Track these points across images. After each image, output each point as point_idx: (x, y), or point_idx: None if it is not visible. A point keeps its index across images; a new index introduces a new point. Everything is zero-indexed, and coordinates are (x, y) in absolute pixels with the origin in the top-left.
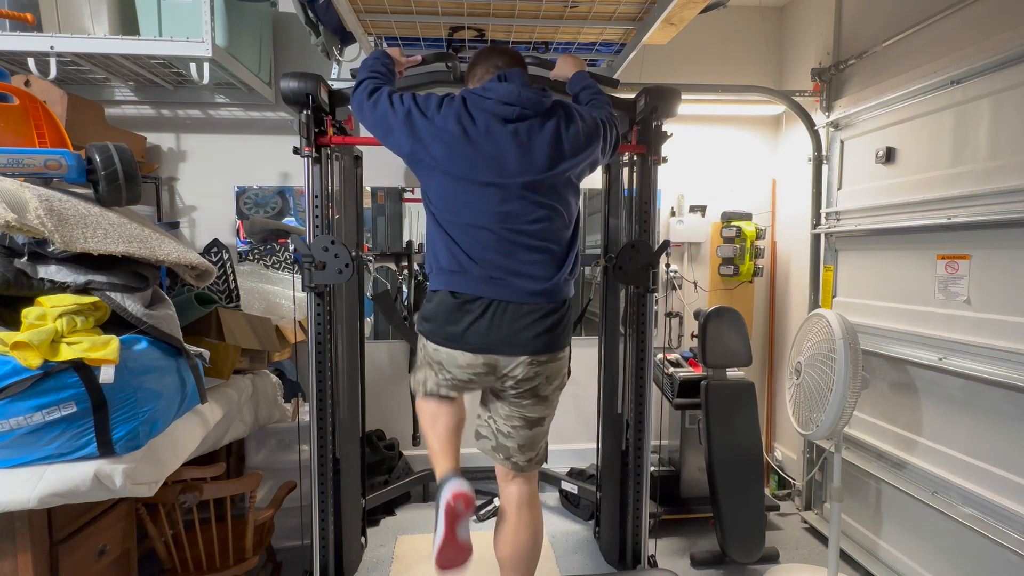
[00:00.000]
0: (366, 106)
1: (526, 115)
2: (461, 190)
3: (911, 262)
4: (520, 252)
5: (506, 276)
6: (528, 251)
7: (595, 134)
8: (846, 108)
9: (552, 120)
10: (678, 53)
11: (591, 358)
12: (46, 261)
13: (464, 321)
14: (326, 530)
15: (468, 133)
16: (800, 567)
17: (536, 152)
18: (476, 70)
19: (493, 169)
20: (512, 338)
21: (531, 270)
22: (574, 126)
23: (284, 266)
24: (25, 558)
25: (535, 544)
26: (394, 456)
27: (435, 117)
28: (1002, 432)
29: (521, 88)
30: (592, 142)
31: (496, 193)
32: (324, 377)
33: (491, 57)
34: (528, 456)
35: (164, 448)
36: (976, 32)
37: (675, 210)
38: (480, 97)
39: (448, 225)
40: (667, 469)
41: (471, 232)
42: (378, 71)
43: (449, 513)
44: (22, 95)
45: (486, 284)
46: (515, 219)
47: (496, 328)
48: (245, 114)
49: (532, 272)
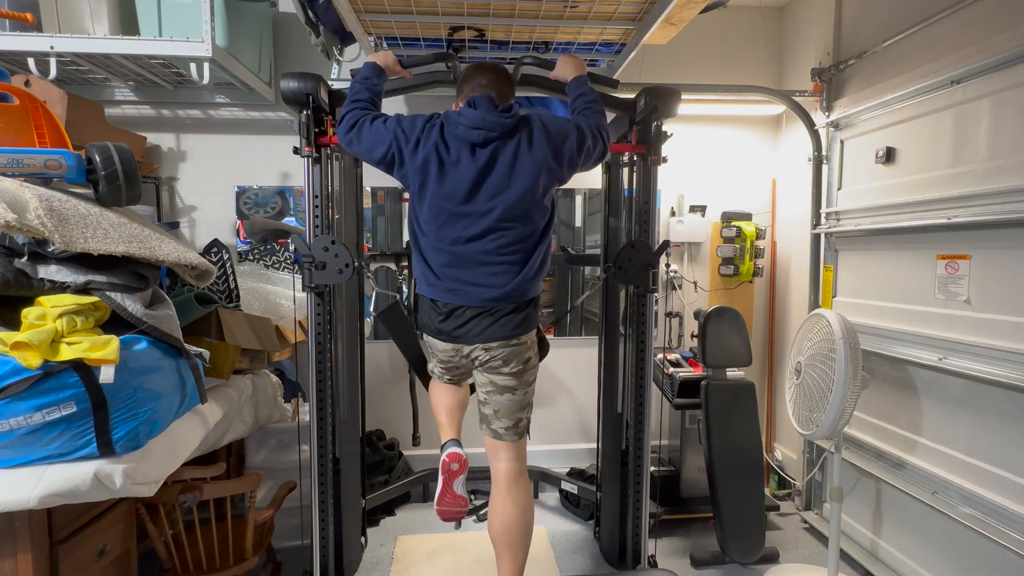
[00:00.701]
0: (353, 139)
1: (491, 138)
2: (435, 215)
3: (911, 262)
4: (478, 268)
5: (465, 287)
6: (486, 266)
7: (562, 142)
8: (846, 108)
9: (514, 140)
10: (678, 53)
11: (591, 358)
12: (46, 261)
13: (437, 319)
14: (326, 530)
15: (443, 164)
16: (800, 567)
17: (499, 176)
18: (464, 87)
19: (461, 198)
20: (468, 332)
21: (488, 281)
22: (537, 142)
23: (284, 266)
24: (25, 558)
25: (524, 520)
26: (394, 456)
27: (417, 151)
28: (1002, 432)
29: (486, 113)
30: (558, 152)
31: (463, 220)
32: (324, 377)
33: (476, 76)
34: (504, 424)
35: (164, 448)
36: (976, 32)
37: (675, 210)
38: (455, 123)
39: (423, 244)
40: (667, 469)
41: (438, 253)
42: (360, 99)
43: (445, 469)
44: (22, 95)
45: (450, 294)
46: (477, 241)
47: (458, 325)
48: (245, 114)
49: (488, 283)
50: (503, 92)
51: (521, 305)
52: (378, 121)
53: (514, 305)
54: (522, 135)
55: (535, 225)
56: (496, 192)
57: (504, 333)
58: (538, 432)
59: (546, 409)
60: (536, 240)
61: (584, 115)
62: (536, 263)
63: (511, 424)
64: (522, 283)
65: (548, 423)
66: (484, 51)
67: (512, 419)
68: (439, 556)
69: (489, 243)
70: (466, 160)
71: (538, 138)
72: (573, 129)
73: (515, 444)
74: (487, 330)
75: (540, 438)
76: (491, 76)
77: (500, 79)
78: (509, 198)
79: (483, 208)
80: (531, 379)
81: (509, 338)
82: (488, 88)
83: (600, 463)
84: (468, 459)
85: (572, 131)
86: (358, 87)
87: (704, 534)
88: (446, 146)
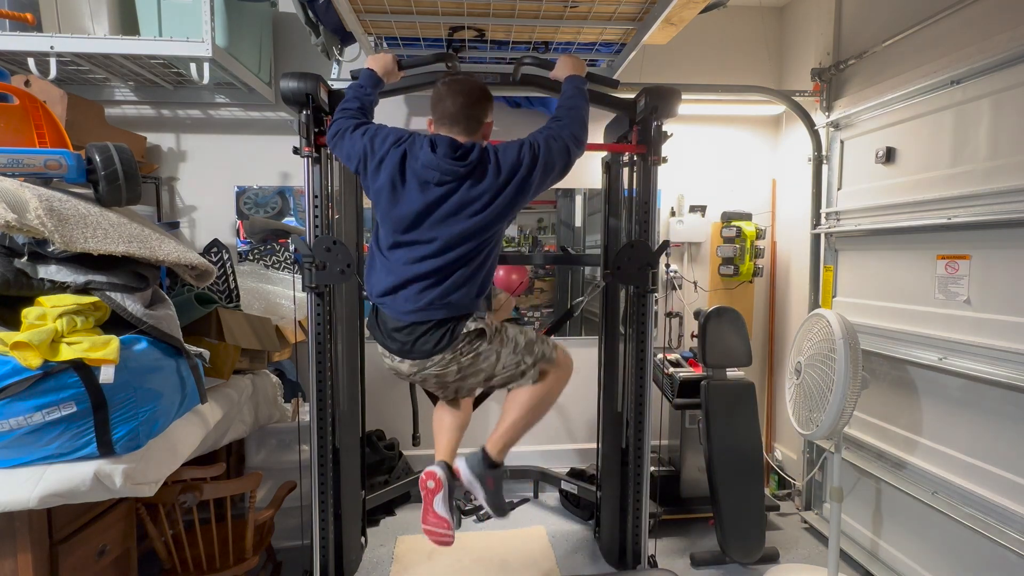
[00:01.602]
0: (336, 146)
1: (445, 180)
2: (387, 235)
3: (911, 262)
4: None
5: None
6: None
7: (512, 175)
8: (846, 108)
9: (467, 183)
10: (678, 53)
11: (591, 358)
12: (46, 261)
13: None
14: (326, 530)
15: (395, 191)
16: (800, 567)
17: (445, 213)
18: (436, 107)
19: (406, 226)
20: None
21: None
22: (487, 184)
23: (284, 266)
24: (25, 558)
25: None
26: (394, 456)
27: (380, 172)
28: (1002, 432)
29: (442, 160)
30: (507, 188)
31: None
32: (324, 377)
33: (445, 98)
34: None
35: (164, 448)
36: (976, 32)
37: (675, 210)
38: (415, 156)
39: (376, 258)
40: (667, 469)
41: (385, 270)
42: (349, 107)
43: (423, 487)
44: (22, 95)
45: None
46: (414, 264)
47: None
48: (245, 114)
49: (412, 300)
50: (471, 124)
51: (441, 322)
52: (358, 132)
53: (434, 322)
54: (475, 178)
55: (469, 250)
56: (439, 224)
57: (426, 351)
58: (538, 432)
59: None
60: (464, 262)
61: (556, 121)
62: (457, 282)
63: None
64: (439, 299)
65: (548, 423)
66: (484, 51)
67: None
68: (439, 556)
69: (422, 266)
70: (416, 194)
71: (489, 181)
72: (528, 153)
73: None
74: (413, 347)
75: (540, 438)
76: (460, 102)
77: (470, 102)
78: (452, 232)
79: (426, 237)
80: (497, 349)
81: (431, 354)
82: (455, 120)
83: (600, 463)
84: (445, 481)
85: (526, 157)
86: (350, 95)
87: (704, 534)
88: (402, 177)
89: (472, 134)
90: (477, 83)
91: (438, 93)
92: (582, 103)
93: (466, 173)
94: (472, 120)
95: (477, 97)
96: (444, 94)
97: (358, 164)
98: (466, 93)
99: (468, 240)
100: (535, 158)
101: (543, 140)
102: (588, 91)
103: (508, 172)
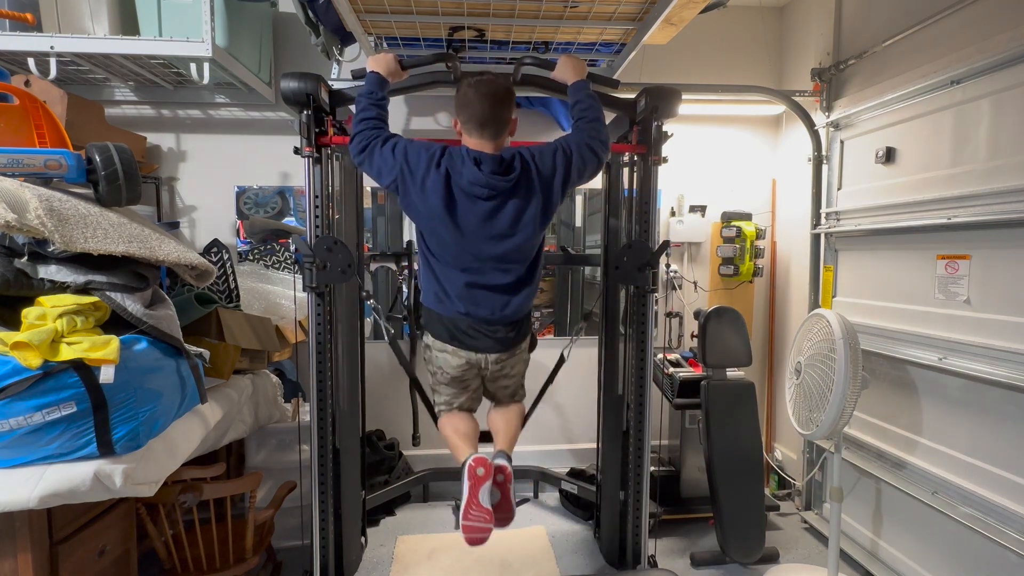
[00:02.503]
0: (364, 161)
1: (493, 195)
2: (444, 249)
3: (911, 262)
4: (485, 294)
5: (473, 308)
6: (492, 293)
7: (552, 179)
8: (846, 108)
9: (516, 195)
10: (678, 53)
11: (591, 358)
12: (46, 261)
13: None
14: (326, 530)
15: (452, 213)
16: (800, 567)
17: (503, 224)
18: (461, 112)
19: (470, 240)
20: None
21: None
22: (535, 193)
23: (284, 266)
24: (25, 558)
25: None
26: (394, 456)
27: (423, 188)
28: (1002, 432)
29: (489, 176)
30: (551, 191)
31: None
32: (324, 377)
33: (473, 103)
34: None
35: (164, 448)
36: (976, 32)
37: (675, 210)
38: (459, 173)
39: (434, 265)
40: (667, 469)
41: (449, 280)
42: (368, 116)
43: (471, 475)
44: (22, 95)
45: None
46: (484, 274)
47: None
48: (245, 114)
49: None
50: (500, 127)
51: (519, 321)
52: (387, 146)
53: (514, 322)
54: (521, 189)
55: (532, 253)
56: (502, 237)
57: (507, 345)
58: (538, 432)
59: (546, 409)
60: (532, 265)
61: (579, 129)
62: (533, 288)
63: (510, 395)
64: (522, 305)
65: (548, 423)
66: (484, 51)
67: (510, 392)
68: (439, 556)
69: (495, 276)
70: (472, 210)
71: (536, 188)
72: (562, 158)
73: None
74: (493, 343)
75: (540, 438)
76: (488, 105)
77: (499, 104)
78: (515, 243)
79: (489, 252)
80: (524, 369)
81: (512, 348)
82: (484, 124)
83: (600, 463)
84: (493, 469)
85: (560, 162)
86: (364, 103)
87: (704, 534)
88: (452, 197)
89: (502, 135)
90: (502, 83)
91: (466, 97)
92: (598, 108)
93: (513, 186)
94: (501, 123)
95: (503, 97)
96: (472, 98)
97: (393, 182)
98: (493, 95)
99: (525, 250)
100: (568, 163)
101: (575, 146)
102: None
103: (548, 179)
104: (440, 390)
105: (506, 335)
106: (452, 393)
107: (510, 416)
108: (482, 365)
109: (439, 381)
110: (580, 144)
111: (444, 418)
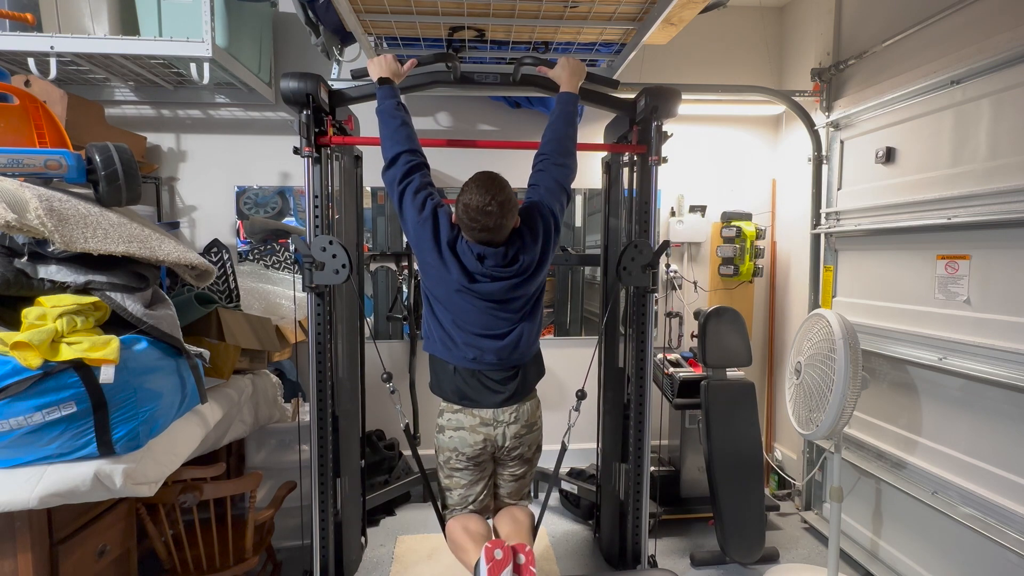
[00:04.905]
0: (395, 194)
1: (496, 279)
2: (451, 302)
3: (911, 262)
4: (490, 340)
5: (481, 353)
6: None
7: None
8: (846, 108)
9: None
10: (678, 53)
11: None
12: (46, 261)
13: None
14: (326, 530)
15: (469, 284)
16: (800, 567)
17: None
18: (469, 221)
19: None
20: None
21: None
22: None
23: (284, 266)
24: (25, 558)
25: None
26: (394, 456)
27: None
28: (1002, 432)
29: (495, 270)
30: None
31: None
32: (324, 377)
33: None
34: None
35: (164, 448)
36: (976, 32)
37: (675, 210)
38: (465, 259)
39: (437, 310)
40: (667, 469)
41: (455, 327)
42: (400, 137)
43: (489, 558)
44: (22, 95)
45: (469, 362)
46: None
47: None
48: (245, 114)
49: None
50: (505, 232)
51: (526, 365)
52: (420, 195)
53: (522, 365)
54: (522, 272)
55: (537, 294)
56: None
57: (521, 394)
58: None
59: (546, 409)
60: (535, 301)
61: (544, 168)
62: (536, 324)
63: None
64: (529, 345)
65: (548, 423)
66: (484, 51)
67: (520, 484)
68: (439, 556)
69: (499, 325)
70: (485, 282)
71: (535, 262)
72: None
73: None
74: (505, 396)
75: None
76: (495, 219)
77: (505, 215)
78: (517, 294)
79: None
80: (538, 453)
81: (524, 399)
82: (493, 234)
83: (600, 463)
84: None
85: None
86: (388, 116)
87: (704, 534)
88: (470, 278)
89: (504, 234)
90: (506, 193)
91: (469, 212)
92: (568, 127)
93: (515, 273)
94: (506, 229)
95: (510, 208)
96: (475, 205)
97: (418, 238)
98: (500, 212)
99: (528, 297)
100: (544, 217)
101: (542, 196)
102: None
103: (544, 249)
104: (452, 484)
105: (517, 387)
106: (466, 483)
107: (519, 517)
108: (499, 443)
109: (453, 469)
110: (546, 191)
111: (454, 520)
